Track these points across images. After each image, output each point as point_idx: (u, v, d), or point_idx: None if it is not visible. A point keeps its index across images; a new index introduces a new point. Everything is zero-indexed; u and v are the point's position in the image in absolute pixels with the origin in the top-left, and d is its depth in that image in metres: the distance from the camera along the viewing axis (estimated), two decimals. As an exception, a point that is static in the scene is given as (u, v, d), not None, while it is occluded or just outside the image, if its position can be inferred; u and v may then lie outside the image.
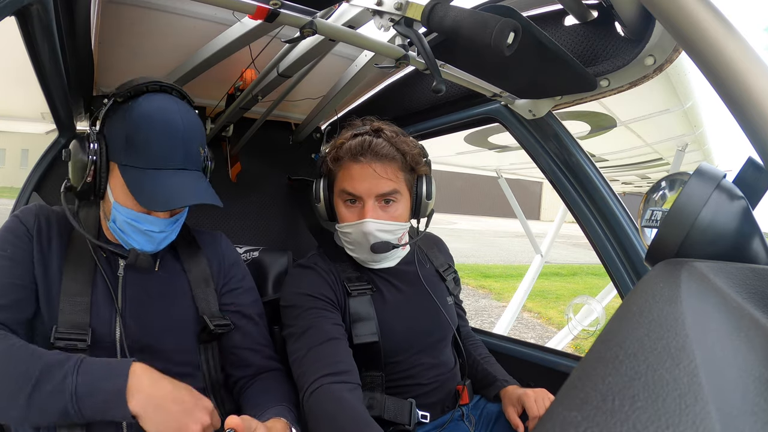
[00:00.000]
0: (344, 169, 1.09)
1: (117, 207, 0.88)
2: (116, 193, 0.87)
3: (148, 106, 0.86)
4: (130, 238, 0.89)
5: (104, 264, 0.92)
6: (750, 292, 0.35)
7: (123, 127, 0.85)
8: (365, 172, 1.07)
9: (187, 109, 0.91)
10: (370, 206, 1.07)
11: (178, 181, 0.85)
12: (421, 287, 1.21)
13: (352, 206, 1.10)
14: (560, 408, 0.24)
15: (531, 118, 1.30)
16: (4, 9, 0.63)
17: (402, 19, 0.76)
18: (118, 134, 0.86)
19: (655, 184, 0.58)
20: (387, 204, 1.10)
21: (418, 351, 1.15)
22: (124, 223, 0.88)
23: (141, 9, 1.10)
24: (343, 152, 1.08)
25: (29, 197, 1.40)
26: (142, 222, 0.87)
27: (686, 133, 2.82)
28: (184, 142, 0.87)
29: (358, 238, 1.10)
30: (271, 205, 1.88)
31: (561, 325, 5.23)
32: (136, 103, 0.86)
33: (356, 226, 1.08)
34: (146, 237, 0.89)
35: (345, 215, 1.11)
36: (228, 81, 1.45)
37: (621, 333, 0.29)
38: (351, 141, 1.09)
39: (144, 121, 0.84)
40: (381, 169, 1.07)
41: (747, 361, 0.27)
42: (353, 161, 1.08)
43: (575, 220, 1.33)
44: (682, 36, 0.48)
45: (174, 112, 0.87)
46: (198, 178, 0.90)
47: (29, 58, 0.91)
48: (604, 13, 1.01)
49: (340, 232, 1.14)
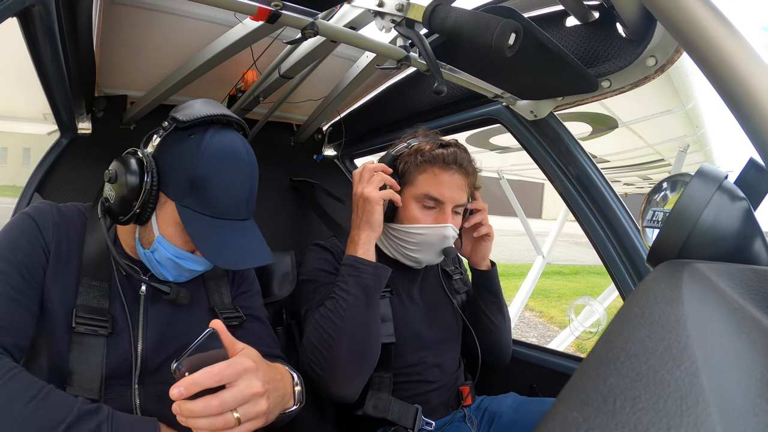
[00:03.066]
0: (430, 175, 1.12)
1: (162, 241, 0.82)
2: (164, 228, 0.81)
3: (219, 146, 0.80)
4: (165, 271, 0.85)
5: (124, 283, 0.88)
6: (752, 293, 0.35)
7: (190, 165, 0.78)
8: (453, 181, 1.13)
9: (249, 150, 0.86)
10: (449, 213, 1.13)
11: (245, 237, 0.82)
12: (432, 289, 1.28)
13: (428, 210, 1.14)
14: (562, 409, 0.24)
15: (532, 119, 1.30)
16: (6, 10, 0.63)
17: (403, 20, 0.76)
18: (180, 170, 0.79)
19: (657, 185, 0.58)
20: (456, 214, 1.17)
21: (425, 350, 1.18)
22: (165, 258, 0.83)
23: (142, 10, 1.10)
24: (432, 158, 1.12)
25: (31, 198, 1.40)
26: (188, 261, 0.83)
27: (688, 134, 2.82)
28: (251, 191, 0.84)
29: (432, 240, 1.13)
30: (273, 205, 1.88)
31: (563, 324, 5.23)
32: (204, 140, 0.79)
33: (435, 228, 1.13)
34: (186, 273, 0.86)
35: (419, 218, 1.14)
36: (229, 82, 1.46)
37: (622, 334, 0.29)
38: (441, 150, 1.13)
39: (215, 167, 0.79)
40: (463, 182, 1.16)
41: (749, 363, 0.27)
42: (443, 169, 1.13)
43: (577, 221, 1.33)
44: (683, 36, 0.48)
45: (244, 156, 0.83)
46: (257, 231, 0.87)
47: (31, 59, 0.91)
48: (606, 14, 1.00)
49: (407, 232, 1.15)
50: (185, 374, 0.62)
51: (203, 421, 0.62)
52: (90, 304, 0.83)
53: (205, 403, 0.61)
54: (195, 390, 0.61)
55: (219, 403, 0.62)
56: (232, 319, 0.98)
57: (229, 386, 0.64)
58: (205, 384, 0.61)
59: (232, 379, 0.64)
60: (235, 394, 0.63)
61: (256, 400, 0.66)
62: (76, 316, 0.80)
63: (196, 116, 0.80)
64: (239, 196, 0.82)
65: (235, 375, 0.64)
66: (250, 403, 0.65)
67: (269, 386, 0.68)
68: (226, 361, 0.65)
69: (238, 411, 0.63)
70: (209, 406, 0.61)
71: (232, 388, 0.64)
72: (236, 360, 0.66)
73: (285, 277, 1.37)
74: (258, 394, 0.66)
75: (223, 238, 0.79)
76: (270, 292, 1.33)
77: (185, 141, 0.81)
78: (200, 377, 0.61)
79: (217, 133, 0.81)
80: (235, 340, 0.70)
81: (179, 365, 0.62)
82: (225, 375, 0.63)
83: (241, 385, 0.64)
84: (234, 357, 0.67)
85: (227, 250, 0.79)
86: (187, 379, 0.61)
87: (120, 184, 0.80)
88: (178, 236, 0.81)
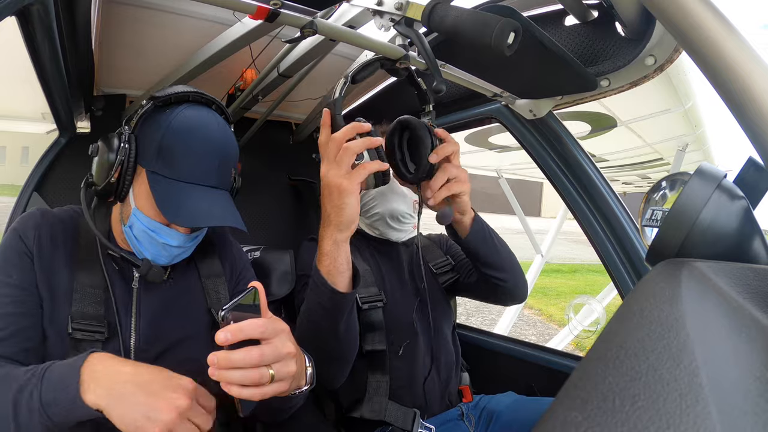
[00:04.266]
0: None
1: (137, 213, 0.84)
2: (139, 199, 0.83)
3: (190, 116, 0.83)
4: (143, 248, 0.85)
5: (117, 276, 0.89)
6: (751, 292, 0.35)
7: (159, 134, 0.81)
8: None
9: (225, 127, 0.88)
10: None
11: (207, 200, 0.82)
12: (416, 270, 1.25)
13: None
14: (561, 408, 0.24)
15: (531, 118, 1.30)
16: (5, 9, 0.63)
17: (402, 19, 0.76)
18: (152, 139, 0.82)
19: (656, 184, 0.58)
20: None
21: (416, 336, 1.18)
22: (141, 231, 0.84)
23: (141, 9, 1.10)
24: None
25: (30, 197, 1.40)
26: (161, 233, 0.84)
27: (687, 133, 2.82)
28: (222, 163, 0.85)
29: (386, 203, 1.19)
30: (272, 204, 1.88)
31: (562, 322, 5.24)
32: (176, 111, 0.83)
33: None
34: (161, 249, 0.86)
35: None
36: (228, 81, 1.46)
37: (622, 333, 0.29)
38: None
39: (183, 132, 0.81)
40: None
41: (748, 361, 0.27)
42: None
43: (576, 220, 1.33)
44: (683, 36, 0.48)
45: (214, 128, 0.85)
46: (227, 199, 0.87)
47: (30, 58, 0.91)
48: (605, 13, 1.00)
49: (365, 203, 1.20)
50: (230, 322, 0.63)
51: (238, 373, 0.62)
52: (86, 310, 0.83)
53: (246, 353, 0.63)
54: (240, 337, 0.62)
55: (259, 353, 0.63)
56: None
57: (266, 342, 0.65)
58: (249, 333, 0.63)
59: (271, 335, 0.65)
60: (273, 350, 0.65)
61: (289, 360, 0.67)
62: (72, 322, 0.81)
63: (172, 93, 0.84)
64: (207, 164, 0.83)
65: (273, 332, 0.66)
66: (283, 362, 0.66)
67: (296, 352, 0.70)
68: (265, 319, 0.67)
69: (272, 368, 0.65)
70: (250, 356, 0.63)
71: (269, 344, 0.65)
72: (273, 318, 0.69)
73: (284, 276, 1.37)
74: (291, 354, 0.67)
75: (184, 198, 0.80)
76: (269, 291, 1.33)
77: (159, 114, 0.84)
78: (246, 326, 0.63)
79: (190, 107, 0.85)
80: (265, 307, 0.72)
81: (226, 314, 0.64)
82: (267, 329, 0.65)
83: (277, 343, 0.66)
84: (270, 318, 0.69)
85: (186, 210, 0.79)
86: (234, 326, 0.63)
87: (100, 156, 0.83)
88: (151, 207, 0.82)
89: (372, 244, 1.28)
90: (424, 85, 1.00)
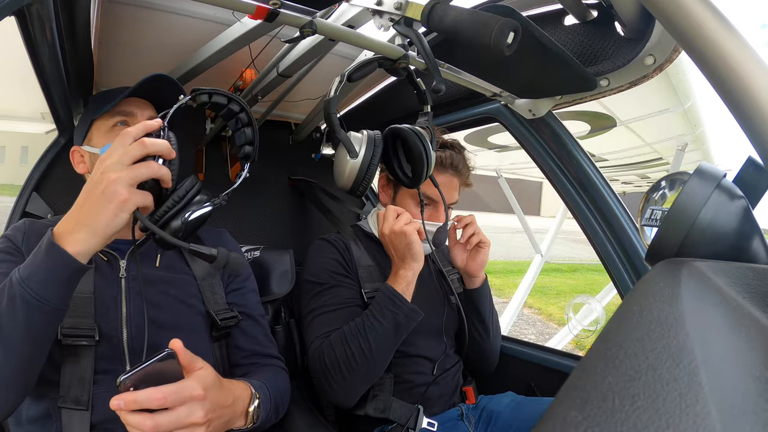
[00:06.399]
0: None
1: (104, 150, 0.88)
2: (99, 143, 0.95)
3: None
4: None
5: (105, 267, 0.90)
6: (750, 291, 0.35)
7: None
8: (448, 183, 1.22)
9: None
10: (442, 212, 1.21)
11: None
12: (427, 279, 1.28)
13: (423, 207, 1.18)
14: (561, 407, 0.24)
15: (531, 117, 1.30)
16: (4, 9, 0.63)
17: (402, 18, 0.76)
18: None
19: (655, 184, 0.58)
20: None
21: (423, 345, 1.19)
22: None
23: (140, 9, 1.10)
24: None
25: (29, 197, 1.40)
26: None
27: (686, 133, 2.82)
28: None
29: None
30: (272, 204, 1.88)
31: (561, 321, 5.24)
32: None
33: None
34: None
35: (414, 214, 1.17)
36: (227, 81, 1.45)
37: (621, 332, 0.29)
38: (439, 152, 1.21)
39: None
40: (456, 183, 1.25)
41: (747, 361, 0.27)
42: (439, 171, 1.21)
43: (575, 220, 1.33)
44: (682, 35, 0.48)
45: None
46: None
47: (29, 58, 0.91)
48: (604, 13, 1.00)
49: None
50: (129, 389, 0.61)
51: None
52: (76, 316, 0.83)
53: (140, 420, 0.61)
54: (133, 408, 0.61)
55: (153, 425, 0.61)
56: (227, 320, 0.98)
57: (171, 410, 0.63)
58: (144, 405, 0.61)
59: (174, 404, 0.63)
60: (173, 420, 0.63)
61: (193, 429, 0.65)
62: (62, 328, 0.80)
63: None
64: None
65: (178, 401, 0.63)
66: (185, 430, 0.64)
67: (212, 415, 0.68)
68: (174, 385, 0.64)
69: None
70: (142, 425, 0.61)
71: (171, 413, 0.63)
72: (185, 384, 0.65)
73: (284, 276, 1.37)
74: (196, 425, 0.65)
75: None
76: (268, 291, 1.33)
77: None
78: (141, 397, 0.61)
79: None
80: (195, 358, 0.69)
81: (126, 379, 0.61)
82: (168, 401, 0.62)
83: (181, 413, 0.64)
84: (185, 380, 0.66)
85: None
86: (129, 395, 0.61)
87: None
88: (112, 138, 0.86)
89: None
90: (423, 85, 1.01)
